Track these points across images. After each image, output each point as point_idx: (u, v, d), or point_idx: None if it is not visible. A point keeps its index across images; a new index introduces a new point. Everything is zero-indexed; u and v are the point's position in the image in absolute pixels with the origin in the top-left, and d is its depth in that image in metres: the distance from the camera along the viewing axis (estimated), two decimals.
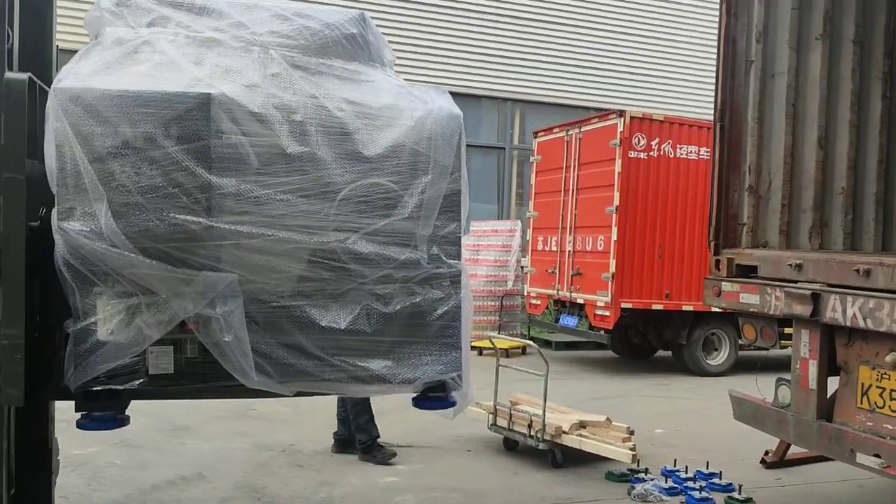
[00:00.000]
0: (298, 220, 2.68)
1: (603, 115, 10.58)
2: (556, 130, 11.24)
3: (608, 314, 9.97)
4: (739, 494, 5.08)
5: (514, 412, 6.01)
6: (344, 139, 2.77)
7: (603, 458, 5.63)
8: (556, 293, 11.03)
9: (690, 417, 7.85)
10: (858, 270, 3.95)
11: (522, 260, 12.32)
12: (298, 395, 2.86)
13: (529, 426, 5.79)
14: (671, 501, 5.04)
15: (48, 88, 2.62)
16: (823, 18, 5.10)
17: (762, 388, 4.98)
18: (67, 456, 4.40)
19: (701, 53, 17.03)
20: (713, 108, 5.00)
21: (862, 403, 4.05)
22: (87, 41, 2.93)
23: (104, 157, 2.51)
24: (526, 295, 11.91)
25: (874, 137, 5.34)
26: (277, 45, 2.88)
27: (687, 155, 10.19)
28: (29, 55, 3.14)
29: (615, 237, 9.90)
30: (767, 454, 5.97)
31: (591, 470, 5.67)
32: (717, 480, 5.36)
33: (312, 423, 6.58)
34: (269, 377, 2.70)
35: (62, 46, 3.53)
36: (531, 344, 6.92)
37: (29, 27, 3.13)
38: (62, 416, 3.42)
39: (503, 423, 6.06)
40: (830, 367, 4.22)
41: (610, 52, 16.40)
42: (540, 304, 11.58)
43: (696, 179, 10.18)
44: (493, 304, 12.08)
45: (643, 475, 5.39)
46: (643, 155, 9.96)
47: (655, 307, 10.16)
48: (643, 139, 9.95)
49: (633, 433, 5.86)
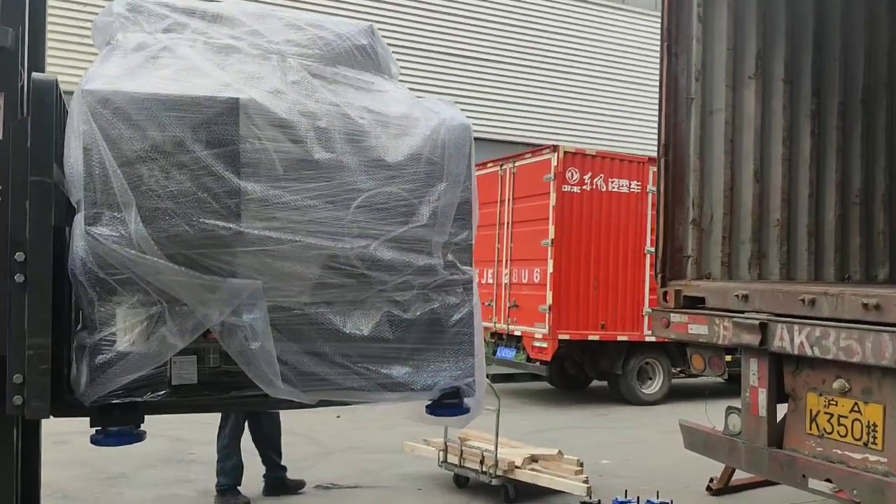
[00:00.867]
0: (324, 226, 2.66)
1: (536, 150, 10.78)
2: (490, 165, 11.36)
3: (546, 346, 10.06)
4: None
5: (465, 448, 5.97)
6: (367, 146, 2.78)
7: (555, 491, 5.63)
8: (493, 326, 11.07)
9: (633, 447, 7.95)
10: (804, 300, 4.10)
11: None
12: (321, 404, 2.79)
13: (481, 462, 5.75)
14: None
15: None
16: (756, 58, 5.34)
17: (689, 416, 5.09)
18: None
19: (630, 91, 17.61)
20: (657, 143, 5.14)
21: (811, 430, 4.18)
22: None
23: (133, 161, 2.44)
24: None
25: (805, 171, 5.59)
26: (294, 53, 2.87)
27: (619, 188, 10.44)
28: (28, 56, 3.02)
29: (551, 269, 10.03)
30: (712, 481, 6.08)
31: None
32: None
33: (255, 464, 6.38)
34: (292, 386, 2.63)
35: None
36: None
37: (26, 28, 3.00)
38: None
39: (454, 459, 6.00)
40: (779, 394, 4.34)
41: (542, 89, 16.79)
42: None
43: (627, 212, 10.43)
44: None
45: None
46: (576, 189, 10.16)
47: (592, 338, 10.30)
48: (576, 173, 10.16)
49: (582, 465, 5.88)
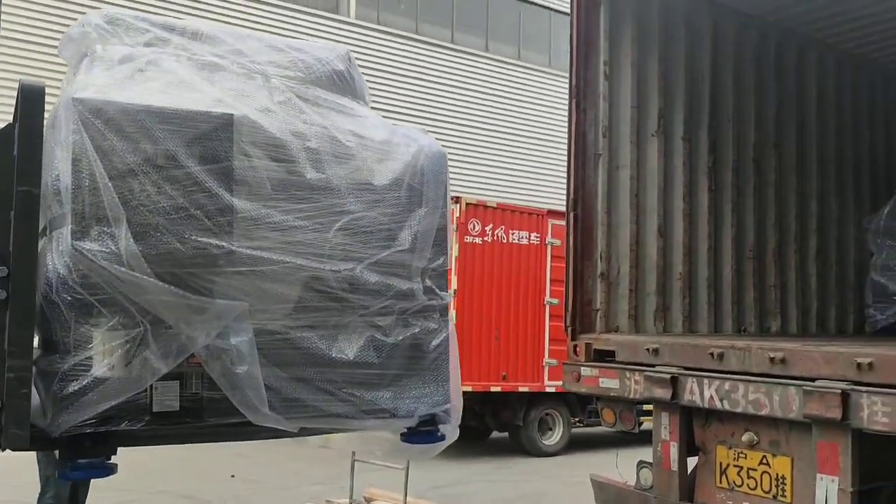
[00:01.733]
0: (312, 247, 2.62)
1: None
2: None
3: None
4: None
5: None
6: (354, 169, 2.79)
7: None
8: None
9: (540, 501, 7.88)
10: (712, 354, 4.16)
11: None
12: (302, 432, 2.69)
13: None
14: None
15: None
16: (658, 116, 5.51)
17: (590, 467, 5.09)
18: None
19: (530, 145, 18.03)
20: (566, 198, 5.19)
21: (721, 482, 4.21)
22: None
23: (125, 174, 2.34)
24: None
25: (704, 226, 5.77)
26: (276, 74, 2.85)
27: (519, 240, 10.56)
28: None
29: (453, 320, 9.95)
30: None
31: None
32: None
33: None
34: (277, 413, 2.53)
35: None
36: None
37: None
38: None
39: None
40: (690, 448, 4.37)
41: (446, 142, 16.92)
42: None
43: (527, 263, 10.55)
44: None
45: None
46: (478, 240, 10.21)
47: (493, 389, 10.27)
48: (478, 225, 10.22)
49: None
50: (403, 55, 17.59)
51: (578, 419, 11.08)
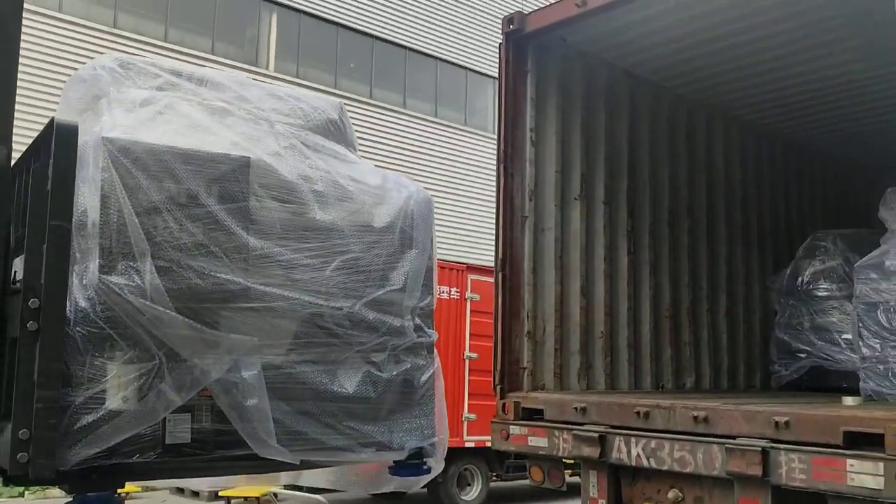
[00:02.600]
0: (317, 285, 2.75)
1: None
2: None
3: None
4: None
5: None
6: (355, 212, 2.96)
7: None
8: None
9: None
10: (639, 413, 4.31)
11: None
12: (302, 465, 2.73)
13: None
14: None
15: None
16: (580, 180, 5.74)
17: None
18: None
19: (447, 200, 18.24)
20: (495, 258, 5.31)
21: None
22: None
23: (150, 211, 2.45)
24: None
25: (623, 287, 6.00)
26: (279, 121, 2.98)
27: (440, 295, 10.61)
28: None
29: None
30: None
31: None
32: None
33: None
34: (282, 445, 2.61)
35: None
36: (279, 493, 6.58)
37: None
38: None
39: None
40: None
41: None
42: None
43: (448, 318, 10.61)
44: None
45: None
46: None
47: None
48: None
49: None
50: None
51: (497, 474, 11.10)
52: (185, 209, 2.50)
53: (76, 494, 2.38)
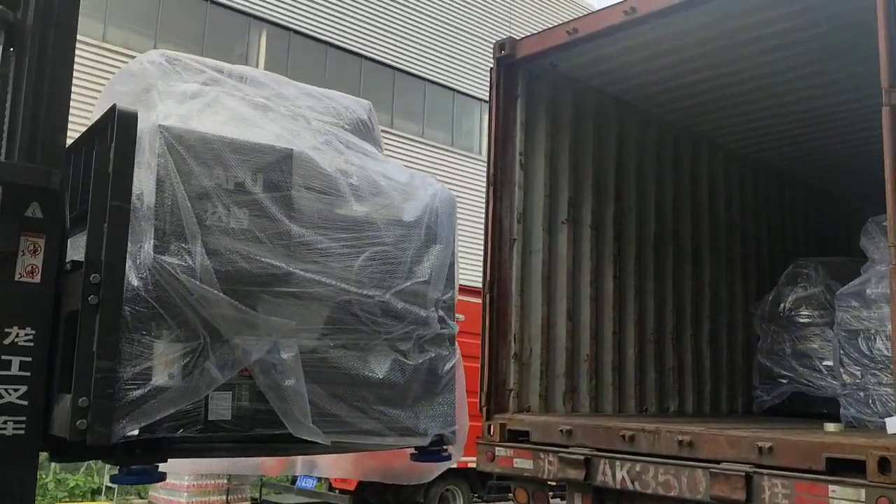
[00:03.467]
0: (352, 273, 2.87)
1: None
2: None
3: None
4: None
5: None
6: (387, 206, 3.08)
7: None
8: None
9: None
10: (624, 436, 4.34)
11: None
12: (333, 446, 2.83)
13: None
14: None
15: None
16: (568, 205, 5.81)
17: None
18: None
19: None
20: (482, 280, 5.36)
21: None
22: None
23: (201, 196, 2.57)
24: None
25: (609, 311, 6.05)
26: (314, 118, 3.12)
27: None
28: None
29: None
30: None
31: None
32: None
33: None
34: (316, 426, 2.71)
35: None
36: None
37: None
38: None
39: None
40: None
41: None
42: (275, 464, 11.02)
43: None
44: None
45: None
46: None
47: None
48: None
49: None
50: None
51: (479, 495, 11.07)
52: (232, 195, 2.64)
53: (122, 467, 2.51)
